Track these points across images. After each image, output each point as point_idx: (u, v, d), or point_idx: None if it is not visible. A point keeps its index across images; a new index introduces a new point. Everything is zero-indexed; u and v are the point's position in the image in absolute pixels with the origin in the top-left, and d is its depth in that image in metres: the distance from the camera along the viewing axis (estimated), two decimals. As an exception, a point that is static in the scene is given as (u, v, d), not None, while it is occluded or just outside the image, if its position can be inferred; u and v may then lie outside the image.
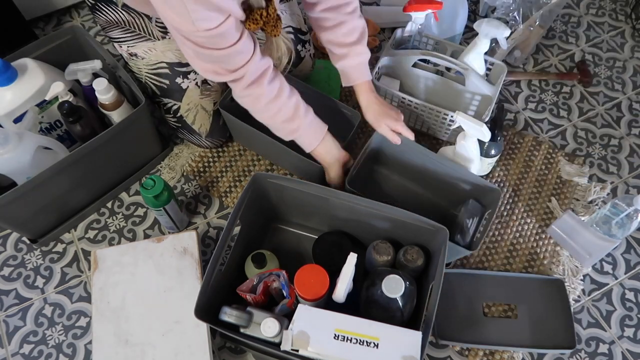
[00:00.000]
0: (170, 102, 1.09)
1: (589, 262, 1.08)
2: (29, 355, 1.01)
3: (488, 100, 1.14)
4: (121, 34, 1.04)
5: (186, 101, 1.08)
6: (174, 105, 1.09)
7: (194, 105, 1.09)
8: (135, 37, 1.04)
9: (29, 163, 0.96)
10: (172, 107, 1.10)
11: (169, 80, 1.06)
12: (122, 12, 1.02)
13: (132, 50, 1.05)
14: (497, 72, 1.18)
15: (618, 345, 1.03)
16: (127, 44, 1.05)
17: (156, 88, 1.08)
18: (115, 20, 1.03)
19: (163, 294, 0.96)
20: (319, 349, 0.75)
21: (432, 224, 0.89)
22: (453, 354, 1.01)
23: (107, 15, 1.03)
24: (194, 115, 1.11)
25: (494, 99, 1.12)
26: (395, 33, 1.21)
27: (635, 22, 1.45)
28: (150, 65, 1.06)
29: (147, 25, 1.03)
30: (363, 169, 1.09)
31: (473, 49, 1.13)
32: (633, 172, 1.22)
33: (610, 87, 1.35)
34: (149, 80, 1.08)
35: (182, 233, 1.01)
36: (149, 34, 1.04)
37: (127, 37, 1.04)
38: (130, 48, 1.05)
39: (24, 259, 1.10)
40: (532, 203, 1.17)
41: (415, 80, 1.22)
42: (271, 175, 0.94)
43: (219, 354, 1.00)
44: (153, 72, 1.06)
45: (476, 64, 1.14)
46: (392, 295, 0.82)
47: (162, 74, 1.06)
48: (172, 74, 1.06)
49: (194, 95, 1.08)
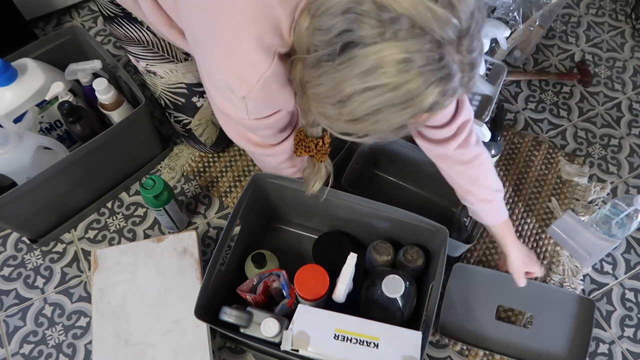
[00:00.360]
0: (181, 117, 1.09)
1: (589, 262, 1.08)
2: (29, 355, 1.01)
3: (488, 100, 1.14)
4: (141, 52, 0.98)
5: (198, 117, 1.08)
6: (185, 119, 1.09)
7: (205, 121, 1.10)
8: (157, 57, 0.98)
9: (29, 163, 0.96)
10: (182, 121, 1.10)
11: (185, 99, 1.05)
12: (147, 32, 0.95)
13: (152, 69, 1.00)
14: (497, 72, 1.18)
15: (618, 345, 1.03)
16: (146, 62, 1.00)
17: (170, 103, 1.07)
18: (137, 38, 0.96)
19: (163, 294, 0.95)
20: (319, 349, 0.75)
21: (432, 223, 0.89)
22: (453, 354, 1.01)
23: (129, 32, 0.96)
24: (203, 129, 1.11)
25: (494, 98, 1.12)
26: None
27: (635, 22, 1.45)
28: (168, 84, 1.03)
29: (171, 48, 0.98)
30: (359, 168, 1.09)
31: None
32: (633, 172, 1.22)
33: (610, 87, 1.35)
34: (164, 96, 1.06)
35: (182, 233, 1.01)
36: (172, 56, 0.98)
37: (147, 56, 0.98)
38: (149, 66, 1.00)
39: (24, 259, 1.10)
40: (532, 203, 1.17)
41: None
42: (271, 175, 0.94)
43: (219, 354, 1.00)
44: (170, 90, 1.04)
45: None
46: (392, 295, 0.82)
47: (179, 93, 1.04)
48: (189, 94, 1.04)
49: (207, 113, 1.09)
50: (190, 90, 1.04)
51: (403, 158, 1.09)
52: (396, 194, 1.15)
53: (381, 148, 1.10)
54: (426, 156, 1.06)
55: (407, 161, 1.09)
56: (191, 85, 1.03)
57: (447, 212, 1.12)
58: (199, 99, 1.05)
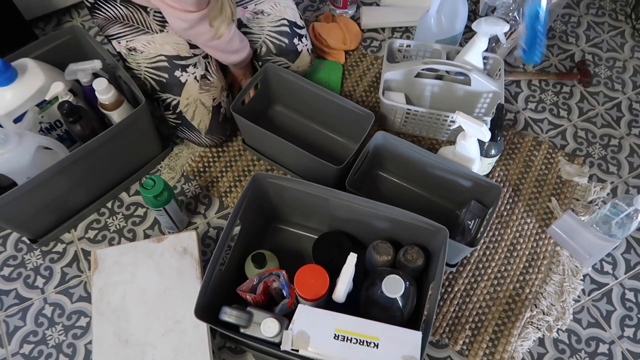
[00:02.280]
0: (169, 97, 1.09)
1: (589, 262, 1.08)
2: (29, 355, 1.01)
3: (497, 96, 1.15)
4: (120, 29, 1.08)
5: (185, 95, 1.09)
6: (173, 100, 1.09)
7: (192, 100, 1.09)
8: (134, 30, 1.07)
9: (29, 163, 0.96)
10: (171, 103, 1.10)
11: (168, 73, 1.07)
12: (121, 7, 1.06)
13: (131, 44, 1.08)
14: (495, 67, 1.19)
15: (618, 345, 1.03)
16: (125, 39, 1.08)
17: (155, 83, 1.08)
18: (114, 16, 1.07)
19: (163, 294, 0.96)
20: (319, 349, 0.75)
21: (432, 224, 0.89)
22: (453, 354, 1.01)
23: (107, 12, 1.07)
24: (193, 111, 1.11)
25: (502, 93, 1.13)
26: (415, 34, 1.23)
27: (635, 22, 1.45)
28: (149, 59, 1.07)
29: (145, 18, 1.06)
30: (363, 170, 1.09)
31: (471, 48, 1.13)
32: (633, 172, 1.22)
33: (610, 87, 1.35)
34: (148, 75, 1.08)
35: (182, 233, 1.01)
36: (148, 27, 1.07)
37: (126, 32, 1.08)
38: (129, 42, 1.08)
39: (24, 259, 1.10)
40: (532, 203, 1.17)
41: (420, 90, 1.22)
42: (271, 175, 0.94)
43: (219, 354, 1.00)
44: (152, 65, 1.07)
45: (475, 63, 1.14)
46: (392, 295, 0.82)
47: (161, 67, 1.07)
48: (170, 67, 1.06)
49: (193, 90, 1.09)
50: (171, 62, 1.07)
51: (407, 160, 1.09)
52: (400, 195, 1.16)
53: (386, 150, 1.10)
54: (431, 158, 1.06)
55: (412, 163, 1.09)
56: (171, 57, 1.07)
57: (451, 215, 1.12)
58: (182, 73, 1.07)
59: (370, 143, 1.07)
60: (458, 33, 1.31)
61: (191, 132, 1.15)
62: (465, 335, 1.02)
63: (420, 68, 1.15)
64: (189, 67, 1.07)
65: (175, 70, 1.07)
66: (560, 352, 1.02)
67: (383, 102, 1.14)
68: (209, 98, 1.11)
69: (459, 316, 1.04)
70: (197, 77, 1.08)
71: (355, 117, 1.12)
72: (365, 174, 1.12)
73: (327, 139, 1.23)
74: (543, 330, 1.03)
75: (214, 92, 1.11)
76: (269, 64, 1.16)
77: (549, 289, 1.07)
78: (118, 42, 1.09)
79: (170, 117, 1.13)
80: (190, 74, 1.08)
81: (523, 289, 1.07)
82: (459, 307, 1.05)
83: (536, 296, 1.06)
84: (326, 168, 1.04)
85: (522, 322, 1.03)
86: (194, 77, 1.08)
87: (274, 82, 1.19)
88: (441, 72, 1.20)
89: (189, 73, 1.07)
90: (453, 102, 1.21)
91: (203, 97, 1.10)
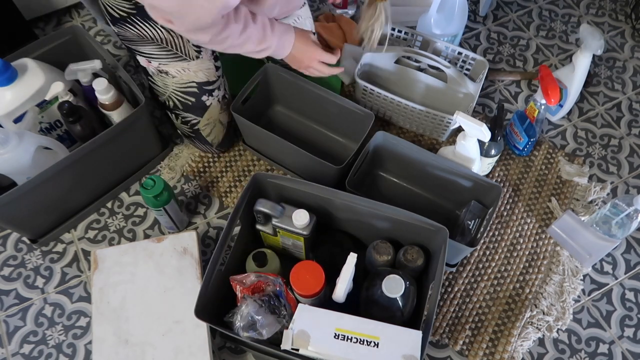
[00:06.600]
0: (190, 117, 1.09)
1: (589, 262, 1.08)
2: (29, 355, 1.01)
3: (470, 98, 1.16)
4: (155, 51, 0.98)
5: (207, 117, 1.09)
6: (194, 119, 1.09)
7: (213, 120, 1.10)
8: (170, 55, 0.98)
9: (29, 163, 0.96)
10: (191, 121, 1.10)
11: (195, 98, 1.05)
12: (162, 30, 0.94)
13: (164, 68, 1.00)
14: (478, 69, 1.19)
15: (618, 345, 1.03)
16: (159, 62, 0.99)
17: (180, 104, 1.06)
18: (151, 36, 0.95)
19: (163, 294, 0.96)
20: (319, 348, 0.75)
21: (432, 223, 0.89)
22: (453, 354, 1.01)
23: (143, 31, 0.95)
24: (210, 129, 1.12)
25: (476, 96, 1.14)
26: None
27: (635, 22, 1.45)
28: (180, 83, 1.03)
29: (184, 44, 0.98)
30: (363, 170, 1.09)
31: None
32: (633, 172, 1.22)
33: (610, 87, 1.35)
34: (174, 96, 1.05)
35: (182, 233, 1.01)
36: (186, 54, 0.99)
37: (161, 55, 0.98)
38: (161, 65, 1.00)
39: (24, 259, 1.10)
40: (532, 203, 1.17)
41: (398, 77, 1.24)
42: (271, 175, 0.94)
43: (219, 354, 1.00)
44: (181, 89, 1.04)
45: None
46: (392, 295, 0.82)
47: (189, 92, 1.04)
48: (199, 93, 1.04)
49: (215, 111, 1.09)
50: (201, 89, 1.04)
51: (407, 160, 1.09)
52: (400, 195, 1.16)
53: (386, 150, 1.10)
54: (431, 158, 1.06)
55: (412, 163, 1.09)
56: (202, 84, 1.04)
57: (451, 215, 1.12)
58: (209, 97, 1.06)
59: (370, 143, 1.07)
60: (458, 33, 1.31)
61: (202, 144, 1.16)
62: (465, 335, 1.02)
63: (399, 55, 1.16)
64: (215, 91, 1.07)
65: (202, 95, 1.05)
66: (560, 352, 1.02)
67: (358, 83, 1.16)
68: (226, 116, 1.13)
69: (459, 316, 1.04)
70: (219, 99, 1.08)
71: (355, 117, 1.12)
72: (365, 174, 1.12)
73: (327, 139, 1.23)
74: (543, 330, 1.03)
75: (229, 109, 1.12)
76: (269, 64, 1.16)
77: (549, 289, 1.07)
78: (148, 62, 1.00)
79: (185, 129, 1.13)
80: (215, 97, 1.07)
81: (523, 289, 1.07)
82: (459, 307, 1.05)
83: (536, 296, 1.06)
84: (326, 168, 1.04)
85: (522, 322, 1.03)
86: (217, 99, 1.08)
87: (274, 82, 1.19)
88: (423, 66, 1.20)
89: (214, 97, 1.07)
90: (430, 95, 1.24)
91: (222, 116, 1.11)
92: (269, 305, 0.83)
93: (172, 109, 1.09)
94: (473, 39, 1.42)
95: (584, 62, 1.15)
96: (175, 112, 1.09)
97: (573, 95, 1.21)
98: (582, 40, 1.12)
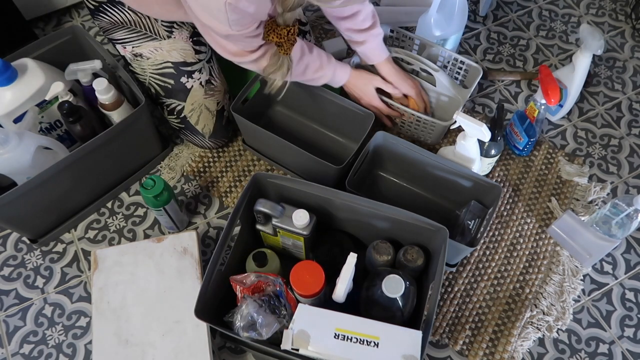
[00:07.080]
0: (174, 103, 1.09)
1: (589, 262, 1.08)
2: (29, 355, 1.01)
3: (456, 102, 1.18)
4: (126, 34, 1.04)
5: (190, 101, 1.09)
6: (178, 105, 1.09)
7: (197, 105, 1.09)
8: (141, 36, 1.04)
9: (29, 163, 0.96)
10: (175, 108, 1.09)
11: (174, 80, 1.06)
12: (129, 12, 1.02)
13: (137, 50, 1.05)
14: (473, 76, 1.19)
15: (618, 345, 1.03)
16: (132, 44, 1.05)
17: (160, 89, 1.08)
18: (121, 20, 1.03)
19: (163, 294, 0.96)
20: (319, 348, 0.75)
21: (432, 223, 0.89)
22: (453, 354, 1.01)
23: (113, 17, 1.03)
24: (197, 116, 1.11)
25: (463, 102, 1.14)
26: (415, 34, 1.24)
27: (635, 22, 1.45)
28: (155, 65, 1.06)
29: (153, 24, 1.03)
30: (363, 170, 1.09)
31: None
32: (633, 172, 1.22)
33: (610, 87, 1.35)
34: (153, 81, 1.07)
35: (182, 233, 1.01)
36: (155, 34, 1.04)
37: (132, 37, 1.04)
38: (135, 48, 1.05)
39: (24, 259, 1.10)
40: (532, 203, 1.17)
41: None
42: (271, 175, 0.94)
43: (219, 354, 1.00)
44: (158, 72, 1.06)
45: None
46: (392, 295, 0.82)
47: (167, 74, 1.06)
48: (177, 74, 1.06)
49: (198, 95, 1.09)
50: (178, 69, 1.05)
51: (407, 160, 1.09)
52: (400, 195, 1.15)
53: (386, 150, 1.10)
54: (431, 158, 1.06)
55: (412, 163, 1.09)
56: (177, 64, 1.05)
57: (451, 215, 1.12)
58: (188, 79, 1.06)
59: (370, 143, 1.07)
60: (458, 33, 1.31)
61: (194, 136, 1.15)
62: (465, 335, 1.02)
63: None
64: (195, 73, 1.07)
65: (181, 77, 1.06)
66: (560, 352, 1.02)
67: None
68: (214, 102, 1.11)
69: (459, 316, 1.04)
70: (202, 82, 1.08)
71: (355, 117, 1.12)
72: (365, 174, 1.12)
73: (327, 139, 1.23)
74: (543, 330, 1.03)
75: (217, 96, 1.11)
76: None
77: (549, 289, 1.07)
78: (123, 47, 1.06)
79: (174, 122, 1.13)
80: (196, 80, 1.07)
81: (523, 289, 1.07)
82: (459, 307, 1.05)
83: (536, 296, 1.06)
84: (326, 168, 1.04)
85: (522, 322, 1.03)
86: (199, 82, 1.08)
87: (274, 82, 1.19)
88: (416, 69, 1.20)
89: (195, 79, 1.07)
90: None
91: (208, 102, 1.10)
92: (269, 305, 0.83)
93: (156, 98, 1.10)
94: (473, 39, 1.42)
95: (584, 62, 1.15)
96: (160, 101, 1.10)
97: (573, 95, 1.21)
98: (582, 40, 1.12)
